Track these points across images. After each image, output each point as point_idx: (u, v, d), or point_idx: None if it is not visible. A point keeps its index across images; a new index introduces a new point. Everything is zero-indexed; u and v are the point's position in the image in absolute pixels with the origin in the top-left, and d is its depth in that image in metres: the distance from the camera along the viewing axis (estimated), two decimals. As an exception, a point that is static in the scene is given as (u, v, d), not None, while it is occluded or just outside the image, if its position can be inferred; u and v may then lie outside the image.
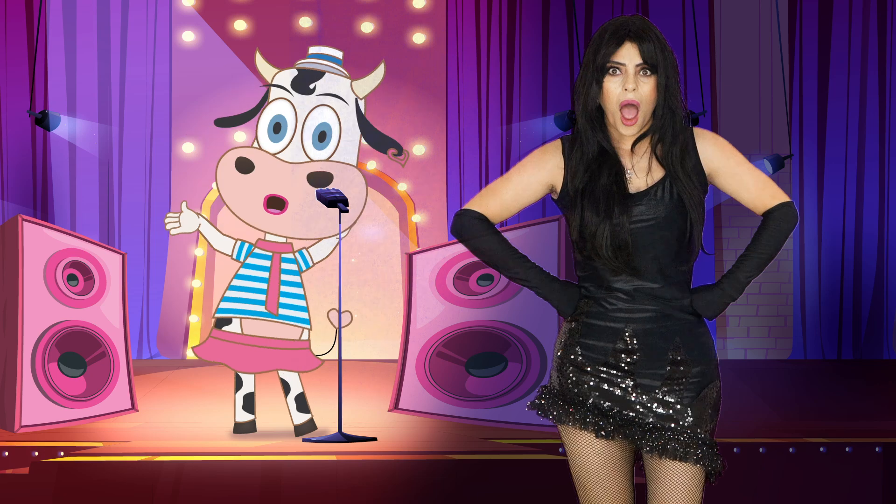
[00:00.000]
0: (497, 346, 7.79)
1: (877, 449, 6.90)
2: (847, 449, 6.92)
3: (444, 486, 6.58)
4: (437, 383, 7.88)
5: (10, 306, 7.52)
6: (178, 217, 7.55)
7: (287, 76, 7.58)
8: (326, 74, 7.58)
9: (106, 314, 7.81)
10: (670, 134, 3.58)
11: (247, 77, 9.93)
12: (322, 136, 7.56)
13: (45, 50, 10.85)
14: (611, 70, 3.53)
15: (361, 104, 7.63)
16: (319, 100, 7.55)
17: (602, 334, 3.59)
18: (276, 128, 7.55)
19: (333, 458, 6.75)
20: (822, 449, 6.93)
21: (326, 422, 7.53)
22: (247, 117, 7.62)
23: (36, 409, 7.44)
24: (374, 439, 7.22)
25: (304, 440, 7.31)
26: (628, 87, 3.51)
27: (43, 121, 10.23)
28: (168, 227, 7.57)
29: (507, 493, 6.55)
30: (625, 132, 3.56)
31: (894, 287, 11.35)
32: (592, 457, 3.62)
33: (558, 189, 3.64)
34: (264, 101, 7.60)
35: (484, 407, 7.77)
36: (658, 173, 3.58)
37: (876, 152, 11.35)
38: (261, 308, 7.54)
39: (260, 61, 7.65)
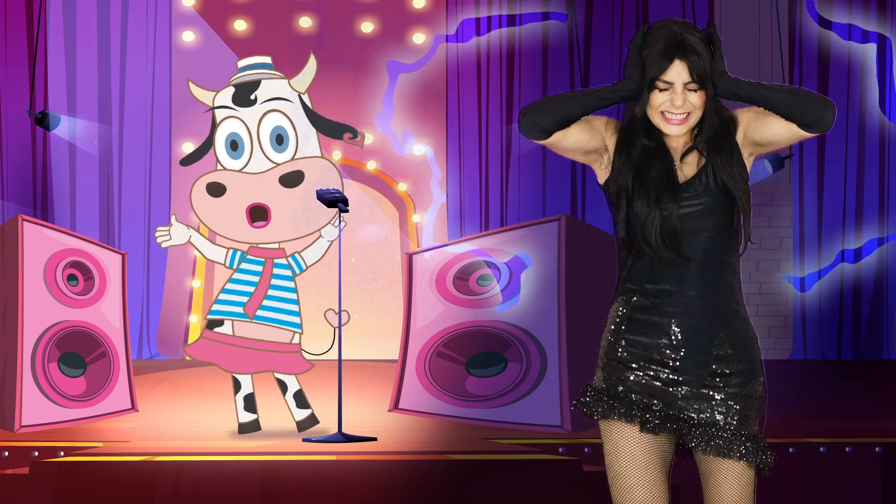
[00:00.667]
0: (497, 346, 7.79)
1: (877, 449, 6.90)
2: (847, 449, 6.92)
3: (444, 486, 6.58)
4: (437, 383, 7.88)
5: (10, 306, 7.52)
6: (169, 230, 7.63)
7: (226, 95, 7.66)
8: (262, 81, 7.65)
9: (106, 314, 7.81)
10: (717, 134, 3.64)
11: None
12: (279, 140, 7.62)
13: (45, 50, 10.84)
14: (659, 87, 3.58)
15: (305, 98, 7.68)
16: (265, 107, 7.63)
17: (647, 330, 3.64)
18: (234, 145, 7.63)
19: (333, 458, 6.75)
20: (822, 449, 6.93)
21: (326, 422, 7.53)
22: (206, 147, 7.73)
23: (36, 409, 7.44)
24: (374, 439, 7.22)
25: (304, 440, 7.31)
26: (677, 104, 3.58)
27: (43, 121, 10.23)
28: (159, 240, 7.66)
29: (507, 493, 6.54)
30: (670, 132, 3.63)
31: (894, 287, 11.35)
32: (633, 448, 3.64)
33: (603, 161, 3.69)
34: (214, 126, 7.66)
35: (484, 407, 7.77)
36: (703, 161, 3.65)
37: (876, 152, 11.36)
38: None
39: (195, 89, 7.71)
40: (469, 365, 7.84)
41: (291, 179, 7.55)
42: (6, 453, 6.92)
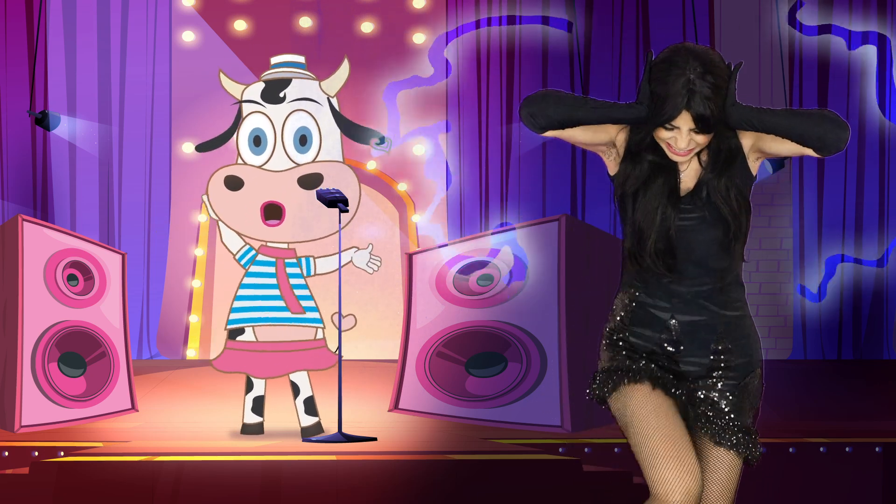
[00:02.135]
0: (497, 346, 7.79)
1: (877, 449, 6.90)
2: (847, 449, 6.92)
3: (444, 486, 6.58)
4: (437, 383, 7.88)
5: (10, 306, 7.52)
6: None
7: (256, 90, 7.65)
8: (293, 80, 7.64)
9: (106, 314, 7.81)
10: (723, 161, 3.68)
11: (247, 77, 9.91)
12: (303, 140, 7.61)
13: (45, 50, 10.84)
14: (665, 126, 3.60)
15: (334, 102, 7.67)
16: (293, 106, 7.61)
17: (648, 323, 3.73)
18: (257, 141, 7.62)
19: (333, 458, 6.75)
20: (822, 449, 6.93)
21: (327, 422, 7.53)
22: (226, 137, 7.72)
23: (36, 409, 7.44)
24: (374, 439, 7.22)
25: (304, 440, 7.31)
26: (681, 146, 3.60)
27: (43, 121, 10.22)
28: None
29: (507, 493, 6.54)
30: (673, 160, 3.66)
31: (894, 287, 11.35)
32: (649, 401, 3.65)
33: (612, 154, 3.73)
34: (239, 119, 7.65)
35: (484, 407, 7.77)
36: (703, 174, 3.70)
37: (876, 152, 11.35)
38: (272, 314, 7.56)
39: (225, 81, 7.70)
40: (469, 365, 7.84)
41: (310, 181, 7.53)
42: (6, 453, 6.92)
